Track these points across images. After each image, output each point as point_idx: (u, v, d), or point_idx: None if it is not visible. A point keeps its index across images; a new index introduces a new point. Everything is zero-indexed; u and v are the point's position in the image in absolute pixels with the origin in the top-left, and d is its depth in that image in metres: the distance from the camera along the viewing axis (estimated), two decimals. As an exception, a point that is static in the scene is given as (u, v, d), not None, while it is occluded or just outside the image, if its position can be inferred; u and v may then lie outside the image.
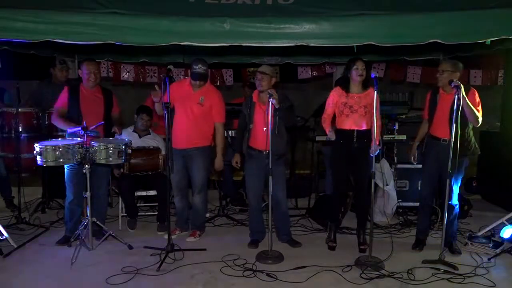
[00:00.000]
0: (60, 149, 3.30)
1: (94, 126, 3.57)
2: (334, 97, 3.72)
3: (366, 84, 3.65)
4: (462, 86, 3.31)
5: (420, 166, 4.00)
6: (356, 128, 3.63)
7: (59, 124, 3.82)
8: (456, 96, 3.28)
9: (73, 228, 3.77)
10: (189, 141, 3.89)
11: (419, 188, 4.27)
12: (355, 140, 3.63)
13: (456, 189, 3.59)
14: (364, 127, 3.65)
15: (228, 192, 5.25)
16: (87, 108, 3.76)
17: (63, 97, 3.80)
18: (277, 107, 3.50)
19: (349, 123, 3.65)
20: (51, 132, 4.54)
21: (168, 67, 3.64)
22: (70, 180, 3.75)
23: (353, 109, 3.62)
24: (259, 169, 3.75)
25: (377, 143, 3.54)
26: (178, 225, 4.18)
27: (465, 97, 3.35)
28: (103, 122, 3.72)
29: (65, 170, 3.74)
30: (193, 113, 3.87)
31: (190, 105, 3.87)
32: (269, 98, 3.43)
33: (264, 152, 3.59)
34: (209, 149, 3.99)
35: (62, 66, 4.88)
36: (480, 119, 3.50)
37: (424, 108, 3.88)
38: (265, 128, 3.57)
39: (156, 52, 4.93)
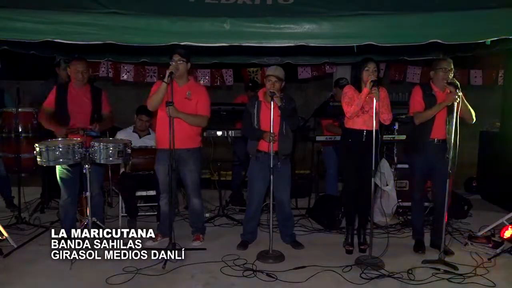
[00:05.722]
0: (60, 149, 3.30)
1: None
2: (353, 93, 3.63)
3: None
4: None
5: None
6: (365, 129, 3.62)
7: (44, 123, 3.80)
8: (456, 95, 3.30)
9: (69, 228, 3.75)
10: (179, 141, 3.52)
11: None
12: (364, 140, 3.63)
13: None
14: (373, 128, 3.63)
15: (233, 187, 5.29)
16: (75, 108, 3.71)
17: (51, 97, 3.77)
18: (279, 104, 3.51)
19: (359, 123, 3.65)
20: (51, 132, 4.53)
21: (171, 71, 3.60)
22: (61, 179, 3.71)
23: (364, 110, 3.61)
24: (265, 170, 3.64)
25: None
26: (160, 231, 3.93)
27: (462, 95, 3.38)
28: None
29: (57, 169, 3.68)
30: (181, 109, 3.61)
31: (178, 100, 3.56)
32: (271, 96, 3.45)
33: (272, 153, 3.54)
34: (199, 150, 3.86)
35: (66, 65, 4.68)
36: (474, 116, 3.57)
37: (415, 105, 3.68)
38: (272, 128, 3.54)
39: (156, 52, 4.93)
